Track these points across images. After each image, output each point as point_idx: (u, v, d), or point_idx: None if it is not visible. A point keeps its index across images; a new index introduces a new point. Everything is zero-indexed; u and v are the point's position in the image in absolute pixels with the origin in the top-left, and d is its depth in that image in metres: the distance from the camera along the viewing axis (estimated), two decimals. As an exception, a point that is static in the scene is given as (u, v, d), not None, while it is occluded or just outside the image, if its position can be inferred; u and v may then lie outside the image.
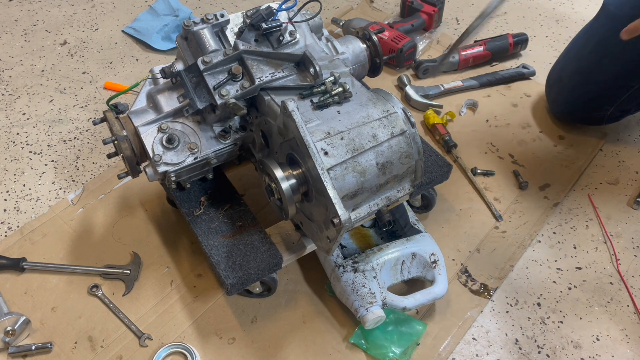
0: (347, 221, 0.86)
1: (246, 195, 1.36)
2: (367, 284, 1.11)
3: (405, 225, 1.24)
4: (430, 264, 1.16)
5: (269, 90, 1.02)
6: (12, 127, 1.61)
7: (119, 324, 1.18)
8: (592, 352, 1.14)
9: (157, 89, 1.07)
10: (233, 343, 1.15)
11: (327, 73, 1.03)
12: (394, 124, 0.96)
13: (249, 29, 1.05)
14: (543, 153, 1.52)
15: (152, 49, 1.85)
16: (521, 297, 1.23)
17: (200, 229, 1.12)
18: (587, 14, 1.96)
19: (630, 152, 1.53)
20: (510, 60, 1.80)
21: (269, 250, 1.08)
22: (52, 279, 1.25)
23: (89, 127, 1.60)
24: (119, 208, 1.39)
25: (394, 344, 1.11)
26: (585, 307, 1.22)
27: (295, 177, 0.94)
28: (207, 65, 0.99)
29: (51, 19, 1.98)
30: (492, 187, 1.44)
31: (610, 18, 1.40)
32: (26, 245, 1.31)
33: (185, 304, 1.21)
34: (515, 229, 1.35)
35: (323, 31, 1.19)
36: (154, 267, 1.27)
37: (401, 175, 0.98)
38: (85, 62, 1.82)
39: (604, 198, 1.42)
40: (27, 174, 1.48)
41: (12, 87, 1.73)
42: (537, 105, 1.64)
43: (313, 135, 0.90)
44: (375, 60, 1.21)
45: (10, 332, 1.12)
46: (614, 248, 1.31)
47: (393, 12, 2.00)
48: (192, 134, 1.06)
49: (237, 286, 1.06)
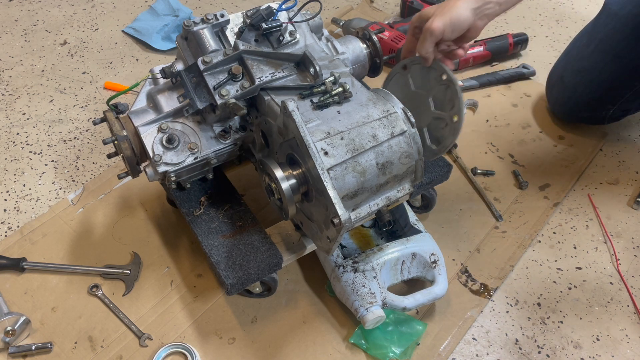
0: (347, 221, 0.86)
1: (246, 195, 1.36)
2: (367, 284, 1.11)
3: (405, 225, 1.24)
4: (430, 264, 1.16)
5: (269, 90, 1.02)
6: (12, 127, 1.61)
7: (119, 324, 1.18)
8: (592, 352, 1.14)
9: (157, 89, 1.07)
10: (233, 343, 1.15)
11: (327, 73, 1.03)
12: (394, 124, 0.96)
13: (249, 29, 1.05)
14: (543, 153, 1.52)
15: (152, 49, 1.85)
16: (521, 297, 1.23)
17: (200, 229, 1.12)
18: (587, 13, 1.97)
19: (630, 152, 1.53)
20: (510, 60, 1.80)
21: (269, 250, 1.08)
22: (52, 279, 1.25)
23: (89, 127, 1.60)
24: (119, 208, 1.39)
25: (394, 344, 1.11)
26: (585, 307, 1.22)
27: (295, 177, 0.94)
28: (207, 65, 0.99)
29: (51, 19, 1.98)
30: (492, 187, 1.44)
31: (612, 17, 1.40)
32: (26, 245, 1.31)
33: (185, 304, 1.21)
34: (515, 229, 1.35)
35: (323, 31, 1.19)
36: (154, 267, 1.27)
37: (401, 175, 0.98)
38: (85, 62, 1.82)
39: (604, 198, 1.42)
40: (27, 174, 1.48)
41: (12, 87, 1.73)
42: (537, 105, 1.64)
43: (313, 135, 0.90)
44: (375, 60, 1.21)
45: (10, 332, 1.12)
46: (614, 248, 1.31)
47: (393, 12, 2.00)
48: (192, 134, 1.06)
49: (237, 286, 1.06)
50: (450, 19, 0.97)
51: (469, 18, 0.99)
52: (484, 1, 0.99)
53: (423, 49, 1.00)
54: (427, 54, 1.01)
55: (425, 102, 1.06)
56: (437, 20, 0.97)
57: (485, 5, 1.00)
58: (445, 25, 0.97)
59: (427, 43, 0.99)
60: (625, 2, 1.37)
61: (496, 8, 1.01)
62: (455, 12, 0.98)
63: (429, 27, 0.98)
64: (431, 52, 1.01)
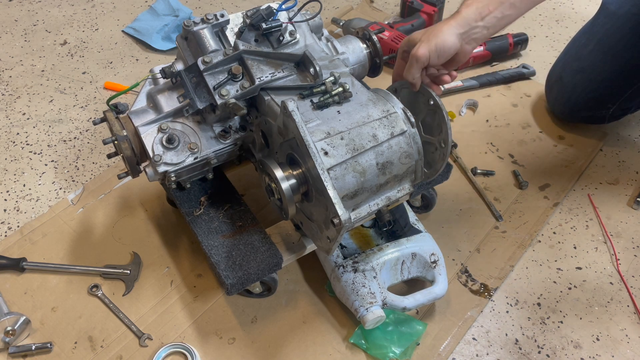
0: (347, 221, 0.86)
1: (246, 195, 1.36)
2: (367, 284, 1.11)
3: (405, 225, 1.24)
4: (430, 264, 1.16)
5: (269, 90, 1.02)
6: (12, 127, 1.61)
7: (119, 324, 1.18)
8: (592, 352, 1.14)
9: (157, 89, 1.07)
10: (233, 343, 1.15)
11: (327, 73, 1.03)
12: (394, 124, 0.96)
13: (249, 29, 1.05)
14: (543, 153, 1.52)
15: (152, 49, 1.85)
16: (521, 297, 1.23)
17: (200, 229, 1.12)
18: (587, 13, 1.96)
19: (630, 152, 1.53)
20: (510, 60, 1.80)
21: (269, 250, 1.08)
22: (52, 279, 1.25)
23: (89, 127, 1.60)
24: (119, 208, 1.39)
25: (394, 344, 1.11)
26: (585, 307, 1.22)
27: (295, 177, 0.94)
28: (207, 65, 0.99)
29: (51, 19, 1.98)
30: (492, 187, 1.44)
31: (611, 17, 1.40)
32: (26, 245, 1.31)
33: (185, 304, 1.21)
34: (515, 229, 1.35)
35: (323, 31, 1.19)
36: (154, 267, 1.27)
37: (401, 175, 0.98)
38: (85, 62, 1.82)
39: (604, 198, 1.42)
40: (27, 174, 1.48)
41: (12, 87, 1.73)
42: (537, 105, 1.64)
43: (313, 135, 0.90)
44: (375, 60, 1.21)
45: (10, 332, 1.12)
46: (614, 248, 1.31)
47: (393, 12, 2.00)
48: (192, 134, 1.06)
49: (237, 286, 1.06)
50: (435, 46, 0.97)
51: (455, 44, 0.98)
52: (470, 26, 0.99)
53: (410, 74, 1.01)
54: (414, 80, 1.01)
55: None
56: (423, 46, 0.97)
57: (472, 30, 0.99)
58: (430, 52, 0.97)
59: (413, 69, 1.00)
60: (623, 1, 1.38)
61: (484, 32, 1.00)
62: (441, 39, 0.97)
63: (414, 53, 0.98)
64: (418, 77, 1.01)
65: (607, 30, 1.40)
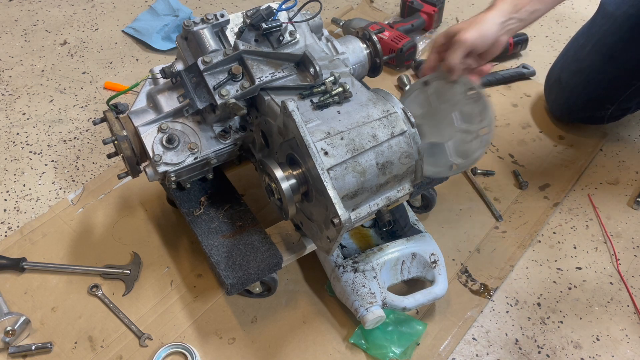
0: (347, 221, 0.86)
1: (246, 195, 1.36)
2: (367, 284, 1.11)
3: (405, 225, 1.24)
4: (430, 264, 1.16)
5: (269, 90, 1.02)
6: (12, 127, 1.61)
7: (119, 324, 1.18)
8: (592, 352, 1.15)
9: (157, 89, 1.07)
10: (233, 343, 1.15)
11: (327, 73, 1.03)
12: (394, 124, 0.96)
13: (249, 29, 1.05)
14: (543, 153, 1.52)
15: (152, 49, 1.85)
16: (521, 297, 1.23)
17: (200, 229, 1.11)
18: (587, 13, 1.96)
19: (630, 152, 1.53)
20: (510, 60, 1.80)
21: (269, 250, 1.08)
22: (52, 279, 1.25)
23: (89, 127, 1.60)
24: (119, 208, 1.39)
25: (394, 344, 1.11)
26: (585, 307, 1.22)
27: (295, 177, 0.94)
28: (207, 65, 0.99)
29: (51, 19, 1.98)
30: (492, 187, 1.44)
31: (609, 18, 1.40)
32: (26, 245, 1.31)
33: (185, 304, 1.21)
34: (515, 229, 1.35)
35: (323, 31, 1.19)
36: (154, 267, 1.27)
37: (401, 175, 0.98)
38: (85, 62, 1.82)
39: (604, 198, 1.42)
40: (27, 174, 1.48)
41: (12, 87, 1.73)
42: (537, 105, 1.64)
43: (313, 135, 0.90)
44: (375, 60, 1.21)
45: (10, 332, 1.12)
46: (614, 248, 1.31)
47: (393, 12, 2.00)
48: (192, 134, 1.06)
49: (237, 286, 1.06)
50: (480, 31, 1.02)
51: (496, 32, 1.03)
52: (509, 16, 1.04)
53: (452, 59, 1.03)
54: (456, 65, 1.04)
55: (449, 117, 1.07)
56: (469, 31, 1.01)
57: (509, 21, 1.04)
58: (476, 37, 1.01)
59: (457, 53, 1.02)
60: (621, 2, 1.38)
61: (518, 24, 1.06)
62: (486, 25, 1.02)
63: (459, 38, 1.01)
64: (459, 63, 1.04)
65: (605, 31, 1.40)
